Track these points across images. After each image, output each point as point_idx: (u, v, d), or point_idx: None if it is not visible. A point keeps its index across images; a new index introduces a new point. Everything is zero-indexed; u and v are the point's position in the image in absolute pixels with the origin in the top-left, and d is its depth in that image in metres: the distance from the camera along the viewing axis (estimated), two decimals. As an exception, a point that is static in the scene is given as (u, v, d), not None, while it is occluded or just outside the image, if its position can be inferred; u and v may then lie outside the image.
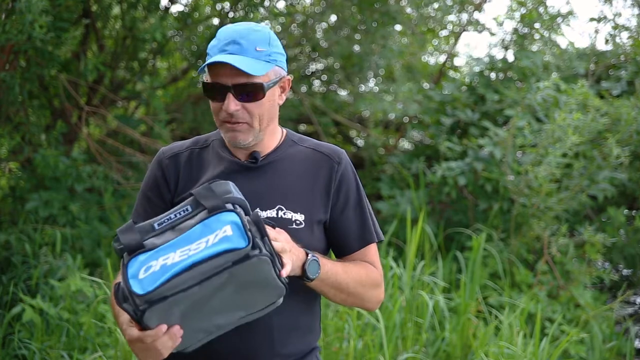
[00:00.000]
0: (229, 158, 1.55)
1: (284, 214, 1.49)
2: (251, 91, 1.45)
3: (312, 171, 1.55)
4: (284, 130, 1.61)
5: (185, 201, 1.33)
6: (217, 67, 1.45)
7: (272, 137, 1.56)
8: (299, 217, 1.50)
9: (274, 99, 1.51)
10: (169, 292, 1.20)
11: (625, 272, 4.18)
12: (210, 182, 1.34)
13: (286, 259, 1.31)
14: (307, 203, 1.52)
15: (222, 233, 1.23)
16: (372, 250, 1.61)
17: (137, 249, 1.27)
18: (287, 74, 1.54)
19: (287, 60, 1.56)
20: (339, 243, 1.59)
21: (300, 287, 1.47)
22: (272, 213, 1.49)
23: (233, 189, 1.33)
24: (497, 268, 3.74)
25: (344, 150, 1.61)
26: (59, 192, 3.72)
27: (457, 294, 3.54)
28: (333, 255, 1.63)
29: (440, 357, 3.16)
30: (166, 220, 1.31)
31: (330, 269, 1.47)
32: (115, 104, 4.58)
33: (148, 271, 1.21)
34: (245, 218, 1.26)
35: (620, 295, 3.71)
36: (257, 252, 1.22)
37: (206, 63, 1.46)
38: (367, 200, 1.63)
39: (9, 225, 3.64)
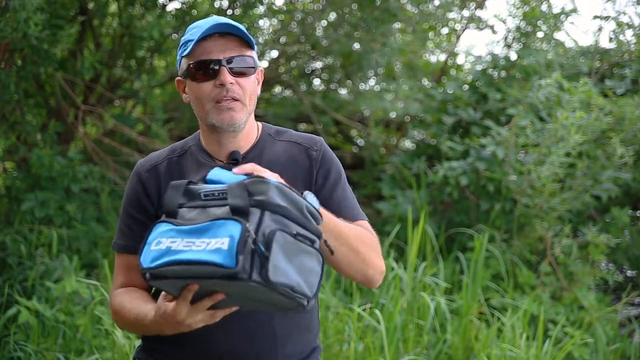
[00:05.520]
0: (209, 163, 1.51)
1: None
2: (244, 65, 1.44)
3: (291, 164, 1.52)
4: (260, 125, 1.59)
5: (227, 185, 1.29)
6: (204, 46, 1.42)
7: (251, 131, 1.54)
8: None
9: (256, 84, 1.50)
10: (168, 274, 1.21)
11: (629, 273, 4.14)
12: (252, 178, 1.26)
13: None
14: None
15: (219, 243, 1.19)
16: (363, 225, 1.53)
17: (170, 214, 1.29)
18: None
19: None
20: None
21: None
22: None
23: (271, 192, 1.24)
24: (499, 269, 3.70)
25: (321, 138, 1.58)
26: (55, 192, 3.68)
27: (459, 295, 3.50)
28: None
29: (442, 359, 3.12)
30: (211, 195, 1.29)
31: (332, 218, 1.38)
32: (112, 103, 4.54)
33: (157, 246, 1.24)
34: (248, 237, 1.19)
35: (624, 297, 3.67)
36: (245, 276, 1.16)
37: (200, 35, 1.40)
38: (347, 183, 1.58)
39: (5, 226, 3.61)
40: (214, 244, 1.19)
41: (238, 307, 1.30)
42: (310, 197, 1.32)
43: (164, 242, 1.24)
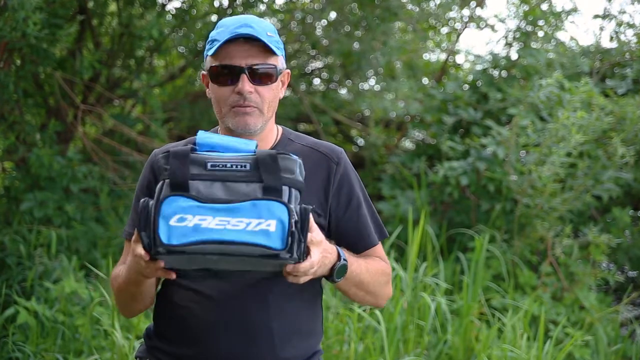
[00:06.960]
0: None
1: None
2: (265, 74, 1.43)
3: (309, 171, 1.50)
4: (280, 128, 1.58)
5: (245, 157, 1.29)
6: (228, 50, 1.41)
7: (270, 134, 1.53)
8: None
9: (279, 89, 1.50)
10: (189, 251, 1.20)
11: (630, 273, 4.13)
12: (278, 152, 1.30)
13: (313, 255, 1.28)
14: (305, 204, 1.47)
15: (265, 225, 1.21)
16: (379, 249, 1.58)
17: (180, 187, 1.24)
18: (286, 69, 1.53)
19: (285, 57, 1.53)
20: (342, 244, 1.54)
21: (301, 289, 1.43)
22: None
23: (297, 169, 1.30)
24: (500, 269, 3.69)
25: (342, 149, 1.57)
26: (54, 192, 3.67)
27: (460, 296, 3.49)
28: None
29: (442, 360, 3.11)
30: (220, 166, 1.27)
31: (355, 268, 1.44)
32: (111, 103, 4.53)
33: (181, 222, 1.21)
34: (294, 218, 1.23)
35: (625, 297, 3.65)
36: (287, 256, 1.21)
37: (225, 39, 1.40)
38: (369, 199, 1.59)
39: (4, 226, 3.59)
40: (257, 225, 1.21)
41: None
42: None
43: (190, 219, 1.21)
